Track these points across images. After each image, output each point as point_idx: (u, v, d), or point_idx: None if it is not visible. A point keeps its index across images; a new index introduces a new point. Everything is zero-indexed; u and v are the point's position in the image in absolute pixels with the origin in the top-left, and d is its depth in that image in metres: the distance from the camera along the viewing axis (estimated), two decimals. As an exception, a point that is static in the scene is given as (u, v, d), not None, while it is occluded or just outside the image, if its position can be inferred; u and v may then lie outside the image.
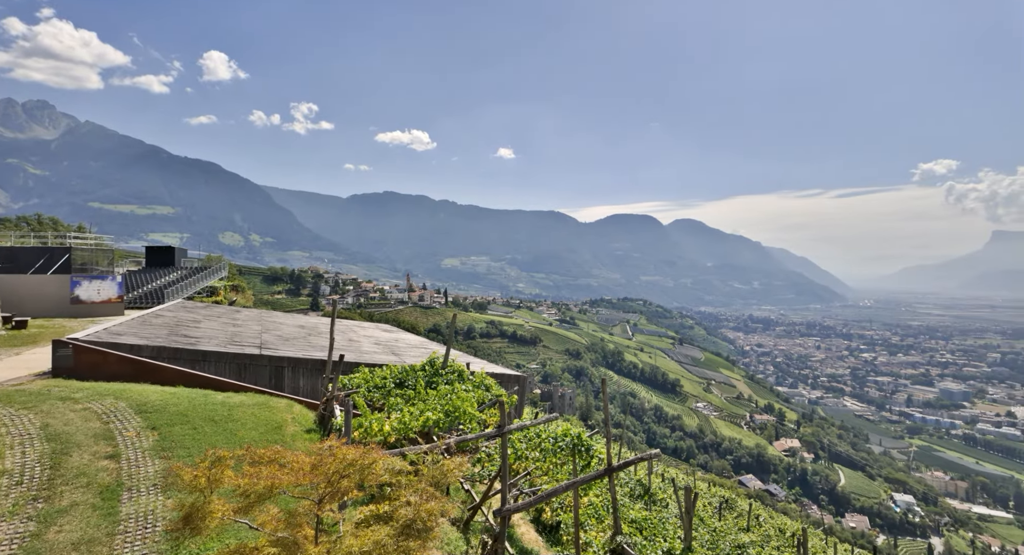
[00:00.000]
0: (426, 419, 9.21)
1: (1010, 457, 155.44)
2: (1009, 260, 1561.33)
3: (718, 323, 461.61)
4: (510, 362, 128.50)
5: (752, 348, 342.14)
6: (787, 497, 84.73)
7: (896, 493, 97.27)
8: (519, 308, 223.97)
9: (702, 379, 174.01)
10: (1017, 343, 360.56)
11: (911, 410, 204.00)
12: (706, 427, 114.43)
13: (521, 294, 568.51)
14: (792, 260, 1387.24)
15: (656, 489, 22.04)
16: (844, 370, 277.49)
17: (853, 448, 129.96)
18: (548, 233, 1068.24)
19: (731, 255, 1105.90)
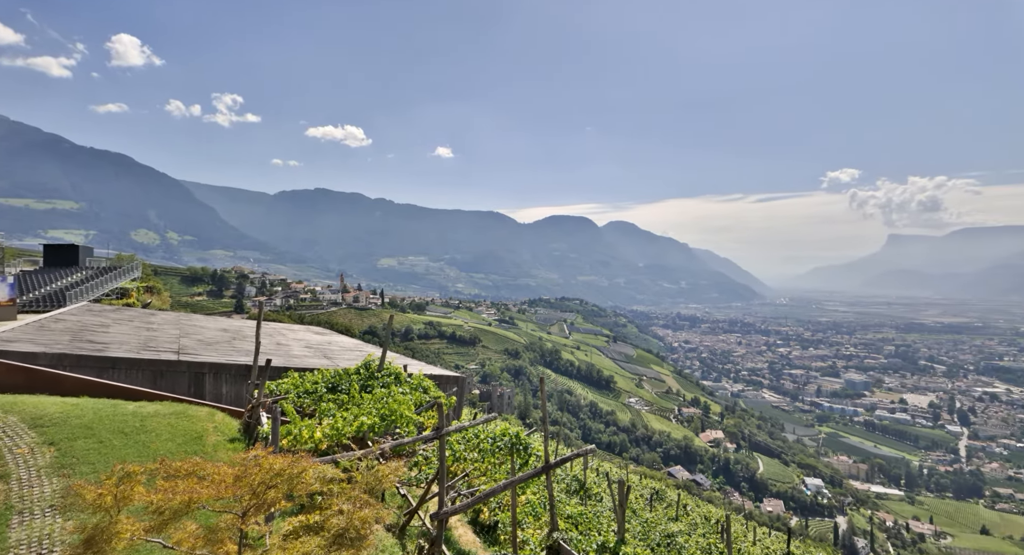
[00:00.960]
0: (361, 424, 8.93)
1: (902, 440, 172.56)
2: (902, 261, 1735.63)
3: (649, 321, 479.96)
4: (449, 363, 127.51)
5: (680, 345, 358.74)
6: (712, 486, 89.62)
7: (807, 477, 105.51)
8: (458, 309, 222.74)
9: (634, 375, 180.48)
10: (908, 336, 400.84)
11: (820, 400, 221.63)
12: (638, 421, 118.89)
13: (460, 294, 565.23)
14: (716, 261, 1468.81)
15: (591, 484, 22.60)
16: (763, 364, 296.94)
17: (770, 437, 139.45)
18: (487, 233, 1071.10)
19: (661, 256, 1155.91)
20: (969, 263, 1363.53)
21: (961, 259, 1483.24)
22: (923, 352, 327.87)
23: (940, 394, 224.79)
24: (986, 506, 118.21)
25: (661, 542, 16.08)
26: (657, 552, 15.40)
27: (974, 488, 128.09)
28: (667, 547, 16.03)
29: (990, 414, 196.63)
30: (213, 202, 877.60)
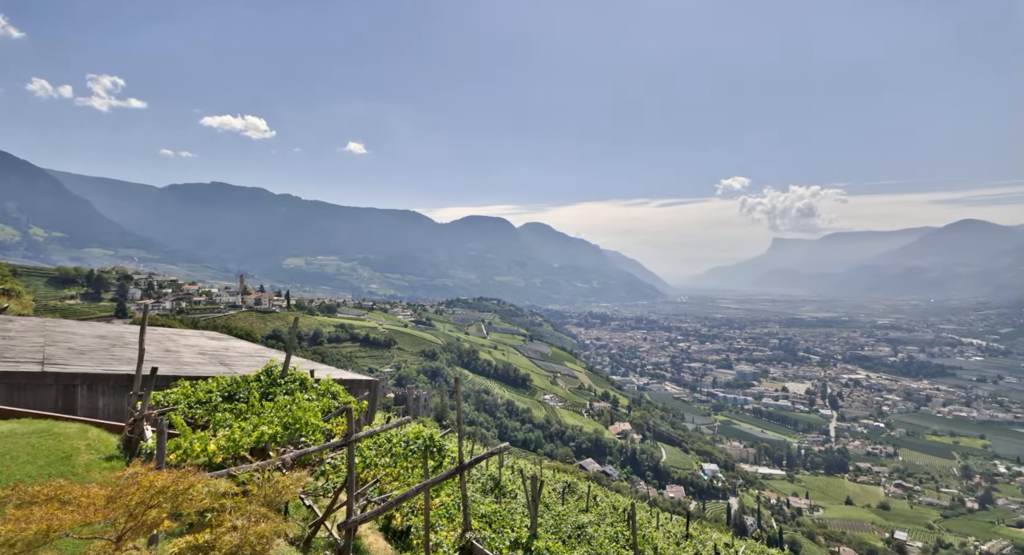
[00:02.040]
0: (261, 434, 8.38)
1: (784, 424, 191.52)
2: (783, 262, 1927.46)
3: (564, 320, 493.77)
4: (362, 367, 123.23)
5: (592, 342, 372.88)
6: (620, 476, 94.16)
7: (705, 463, 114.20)
8: (372, 310, 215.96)
9: (549, 372, 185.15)
10: (789, 330, 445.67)
11: (716, 390, 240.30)
12: (552, 417, 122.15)
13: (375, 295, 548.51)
14: (625, 262, 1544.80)
15: (506, 481, 22.88)
16: (665, 358, 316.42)
17: (672, 427, 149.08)
18: (404, 232, 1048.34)
19: (575, 257, 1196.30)
20: (839, 264, 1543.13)
21: (832, 261, 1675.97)
22: (801, 344, 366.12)
23: (815, 382, 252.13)
24: (850, 479, 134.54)
25: (572, 534, 16.62)
26: (568, 544, 15.91)
27: (841, 464, 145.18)
28: (577, 538, 16.60)
29: (854, 398, 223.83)
30: (88, 195, 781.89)
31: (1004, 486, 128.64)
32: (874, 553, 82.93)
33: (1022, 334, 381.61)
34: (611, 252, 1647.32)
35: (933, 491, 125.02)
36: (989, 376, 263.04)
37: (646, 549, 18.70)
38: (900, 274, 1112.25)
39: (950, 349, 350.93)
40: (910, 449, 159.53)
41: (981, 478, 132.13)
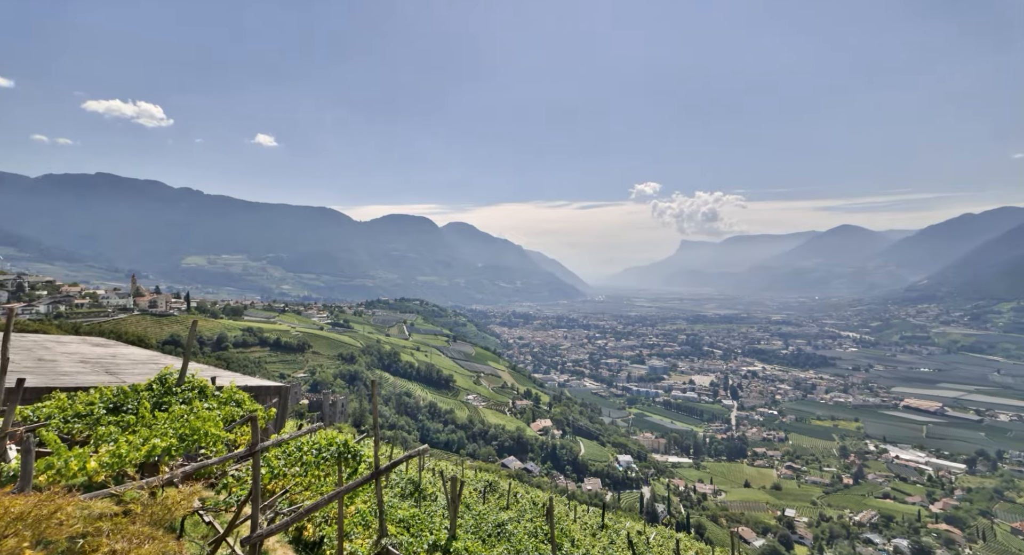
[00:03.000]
0: (152, 448, 7.69)
1: (691, 415, 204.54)
2: (691, 263, 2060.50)
3: (487, 319, 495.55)
4: (272, 372, 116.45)
5: (515, 341, 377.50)
6: (541, 472, 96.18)
7: (620, 455, 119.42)
8: (284, 312, 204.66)
9: (473, 372, 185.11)
10: (695, 326, 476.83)
11: (630, 384, 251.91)
12: (475, 417, 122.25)
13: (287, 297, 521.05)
14: (547, 262, 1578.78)
15: (427, 484, 22.61)
16: (584, 355, 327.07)
17: (590, 421, 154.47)
18: (320, 231, 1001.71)
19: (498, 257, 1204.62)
20: (738, 265, 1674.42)
21: (733, 261, 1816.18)
22: (706, 339, 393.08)
23: (718, 374, 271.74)
24: (748, 464, 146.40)
25: (492, 532, 16.74)
26: (488, 542, 16.01)
27: (740, 450, 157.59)
28: (497, 536, 16.75)
29: (752, 388, 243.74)
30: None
31: (873, 462, 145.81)
32: (768, 530, 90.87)
33: (888, 327, 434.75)
34: (534, 252, 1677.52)
35: (817, 471, 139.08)
36: (862, 365, 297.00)
37: (564, 542, 19.24)
38: (790, 274, 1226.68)
39: (831, 341, 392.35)
40: (798, 433, 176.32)
41: (855, 456, 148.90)
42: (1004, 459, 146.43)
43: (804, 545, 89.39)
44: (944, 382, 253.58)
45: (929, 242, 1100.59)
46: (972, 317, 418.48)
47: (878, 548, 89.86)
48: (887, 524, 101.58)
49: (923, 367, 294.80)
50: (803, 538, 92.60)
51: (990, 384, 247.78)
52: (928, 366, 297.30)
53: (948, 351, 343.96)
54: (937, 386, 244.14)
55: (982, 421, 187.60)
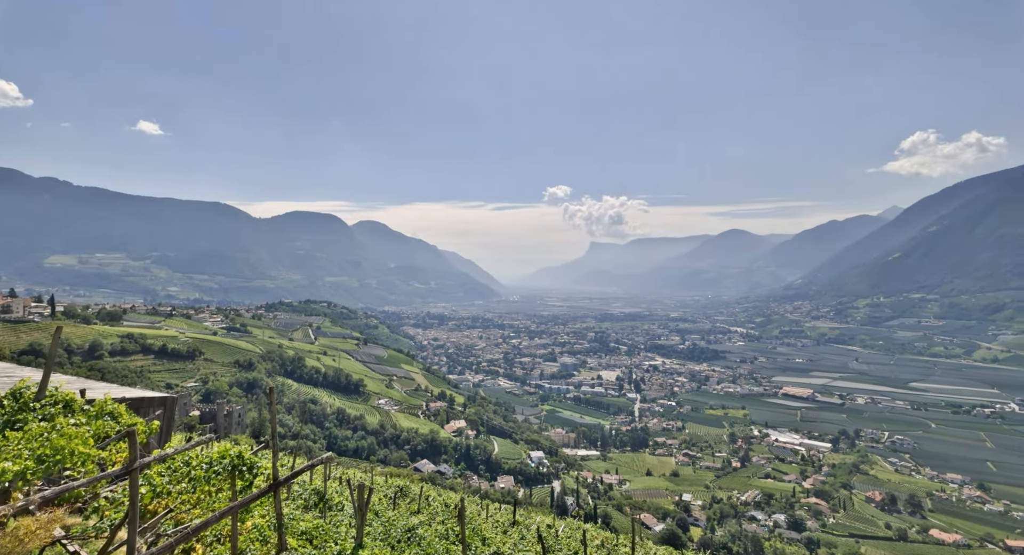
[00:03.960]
0: (2, 472, 6.76)
1: (599, 409, 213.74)
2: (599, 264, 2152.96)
3: (400, 321, 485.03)
4: (157, 383, 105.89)
5: (429, 342, 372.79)
6: (454, 474, 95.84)
7: (532, 451, 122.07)
8: (172, 316, 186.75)
9: (385, 376, 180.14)
10: (603, 324, 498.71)
11: (543, 382, 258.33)
12: (387, 422, 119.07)
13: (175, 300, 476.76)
14: (462, 262, 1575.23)
15: (333, 494, 21.75)
16: (499, 355, 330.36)
17: (504, 420, 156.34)
18: (213, 228, 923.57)
19: (412, 257, 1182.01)
20: (641, 265, 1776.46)
21: (636, 262, 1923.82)
22: (613, 336, 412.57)
23: (623, 369, 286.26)
24: (650, 453, 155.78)
25: (402, 538, 16.46)
26: (398, 548, 15.73)
27: (643, 440, 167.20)
28: (408, 541, 16.51)
29: (653, 381, 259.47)
30: None
31: (757, 446, 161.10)
32: (667, 515, 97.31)
33: (770, 322, 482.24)
34: (449, 253, 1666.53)
35: (710, 456, 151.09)
36: (748, 357, 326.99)
37: (475, 541, 19.35)
38: (687, 274, 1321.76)
39: (722, 336, 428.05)
40: (694, 422, 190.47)
41: (742, 441, 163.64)
42: (860, 437, 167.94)
43: (699, 527, 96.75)
44: (815, 371, 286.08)
45: (803, 245, 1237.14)
46: (836, 312, 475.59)
47: (760, 524, 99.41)
48: (768, 501, 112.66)
49: (798, 358, 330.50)
50: (698, 520, 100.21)
51: (850, 371, 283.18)
52: (802, 357, 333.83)
53: (818, 343, 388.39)
54: (809, 374, 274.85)
55: (844, 404, 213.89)
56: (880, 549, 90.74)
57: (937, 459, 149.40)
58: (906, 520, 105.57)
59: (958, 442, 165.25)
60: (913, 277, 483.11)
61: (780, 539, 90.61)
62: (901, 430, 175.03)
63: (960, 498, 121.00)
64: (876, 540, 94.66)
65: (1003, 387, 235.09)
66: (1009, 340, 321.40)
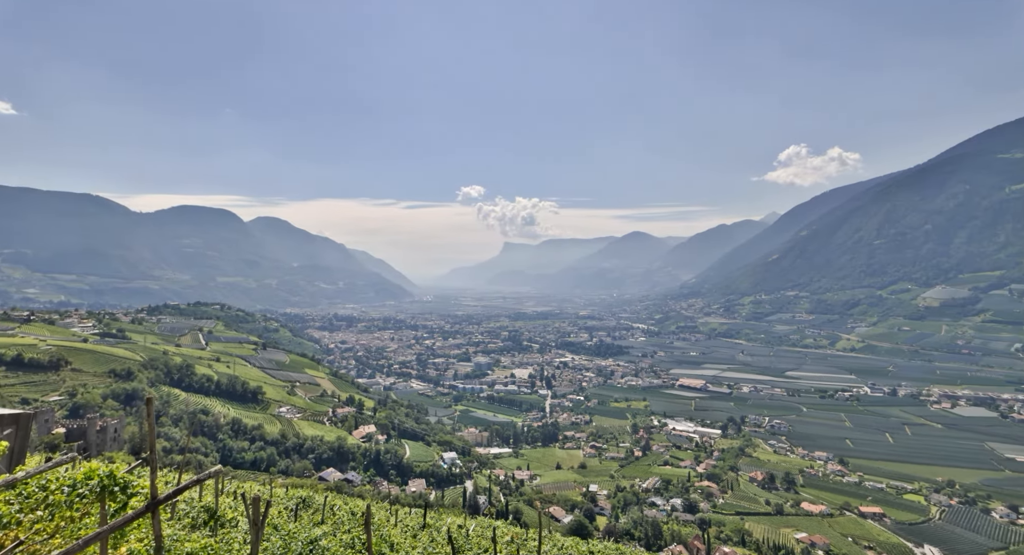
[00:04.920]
0: None
1: (512, 406, 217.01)
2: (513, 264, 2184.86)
3: (305, 324, 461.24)
4: (10, 398, 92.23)
5: (337, 345, 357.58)
6: (363, 480, 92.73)
7: (445, 453, 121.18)
8: (30, 322, 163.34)
9: (286, 382, 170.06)
10: (516, 323, 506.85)
11: (456, 382, 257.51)
12: (289, 431, 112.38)
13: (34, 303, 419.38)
14: (372, 262, 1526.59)
15: (226, 509, 20.26)
16: (412, 356, 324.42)
17: (416, 422, 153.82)
18: (84, 222, 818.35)
19: (317, 256, 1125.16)
20: (553, 265, 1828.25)
21: (548, 262, 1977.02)
22: (525, 335, 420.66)
23: (535, 367, 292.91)
24: (560, 447, 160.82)
25: (303, 551, 15.75)
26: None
27: (553, 435, 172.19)
28: (310, 553, 15.84)
29: (563, 378, 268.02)
30: None
31: (657, 435, 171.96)
32: (575, 506, 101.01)
33: (668, 319, 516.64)
34: (358, 251, 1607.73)
35: (614, 447, 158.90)
36: (648, 352, 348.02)
37: (383, 548, 18.95)
38: (594, 274, 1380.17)
39: (626, 332, 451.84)
40: (600, 415, 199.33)
41: (643, 431, 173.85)
42: (745, 423, 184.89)
43: (604, 515, 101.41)
44: (707, 363, 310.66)
45: (696, 247, 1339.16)
46: (725, 309, 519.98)
47: (660, 509, 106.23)
48: (666, 487, 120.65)
49: (692, 351, 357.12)
50: (603, 509, 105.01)
51: (737, 363, 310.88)
52: (696, 350, 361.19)
53: (709, 337, 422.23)
54: (702, 367, 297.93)
55: (731, 393, 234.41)
56: (761, 523, 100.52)
57: (807, 439, 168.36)
58: (782, 496, 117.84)
59: (824, 423, 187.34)
60: (788, 277, 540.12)
61: (677, 522, 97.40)
62: (779, 415, 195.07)
63: (825, 473, 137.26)
64: (758, 516, 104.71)
65: (859, 373, 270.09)
66: (863, 332, 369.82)
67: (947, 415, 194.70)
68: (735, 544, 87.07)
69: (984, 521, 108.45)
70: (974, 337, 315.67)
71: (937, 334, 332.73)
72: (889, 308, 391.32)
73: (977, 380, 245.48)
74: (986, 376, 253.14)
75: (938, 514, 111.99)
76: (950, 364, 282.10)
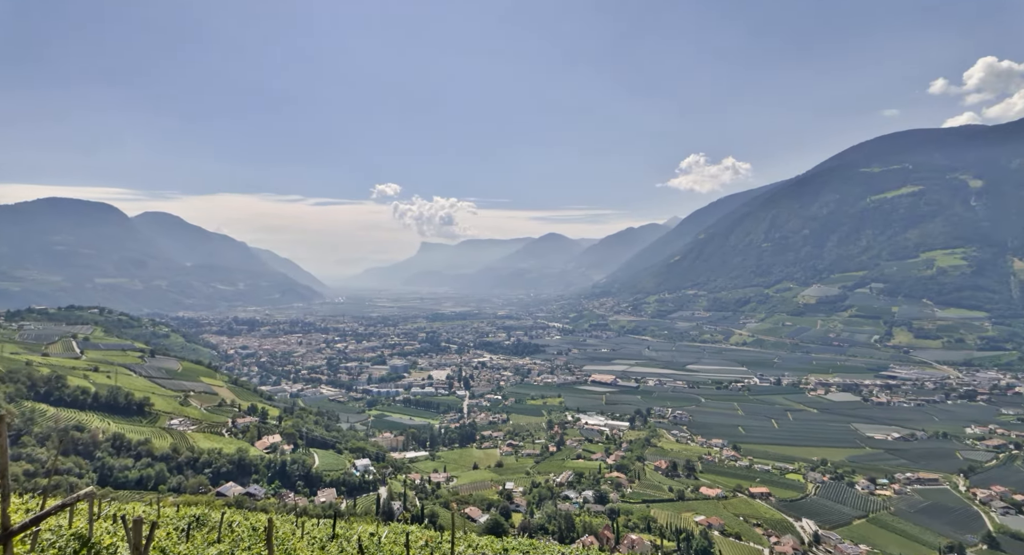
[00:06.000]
0: None
1: (429, 409, 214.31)
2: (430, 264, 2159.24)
3: (200, 328, 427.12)
4: None
5: (237, 351, 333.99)
6: (267, 493, 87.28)
7: (357, 460, 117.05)
8: None
9: (179, 392, 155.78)
10: (434, 324, 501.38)
11: (371, 386, 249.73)
12: (182, 444, 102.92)
13: None
14: (277, 261, 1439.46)
15: (103, 536, 18.25)
16: (322, 361, 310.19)
17: (326, 430, 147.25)
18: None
19: (215, 255, 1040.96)
20: (471, 266, 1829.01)
21: (466, 263, 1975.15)
22: (444, 336, 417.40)
23: (453, 367, 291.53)
24: (477, 447, 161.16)
25: (195, 572, 14.62)
26: (188, 585, 13.91)
27: (471, 435, 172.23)
28: (202, 575, 14.73)
29: (481, 377, 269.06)
30: None
31: (571, 430, 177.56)
32: (491, 505, 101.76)
33: (581, 317, 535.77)
34: (262, 250, 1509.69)
35: (531, 444, 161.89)
36: (563, 350, 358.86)
37: (286, 562, 18.06)
38: (512, 274, 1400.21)
39: (542, 331, 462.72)
40: (518, 413, 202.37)
41: (558, 427, 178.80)
42: (651, 415, 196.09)
43: (520, 512, 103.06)
44: (616, 359, 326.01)
45: (607, 249, 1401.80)
46: (633, 307, 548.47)
47: (573, 501, 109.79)
48: (579, 480, 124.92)
49: (603, 348, 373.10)
50: (519, 506, 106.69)
51: (644, 358, 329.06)
52: (607, 347, 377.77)
53: (619, 334, 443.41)
54: (612, 362, 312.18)
55: (638, 387, 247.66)
56: (665, 509, 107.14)
57: (706, 428, 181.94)
58: (684, 482, 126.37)
59: (720, 412, 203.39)
60: (688, 277, 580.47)
61: (588, 513, 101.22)
62: (681, 406, 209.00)
63: (721, 459, 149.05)
64: (662, 503, 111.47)
65: (749, 365, 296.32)
66: (753, 327, 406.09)
67: (821, 401, 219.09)
68: (642, 531, 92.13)
69: (850, 493, 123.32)
70: (843, 330, 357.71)
71: (813, 328, 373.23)
72: (774, 305, 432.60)
73: (845, 369, 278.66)
74: (852, 365, 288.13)
75: (813, 490, 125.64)
76: (824, 355, 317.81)
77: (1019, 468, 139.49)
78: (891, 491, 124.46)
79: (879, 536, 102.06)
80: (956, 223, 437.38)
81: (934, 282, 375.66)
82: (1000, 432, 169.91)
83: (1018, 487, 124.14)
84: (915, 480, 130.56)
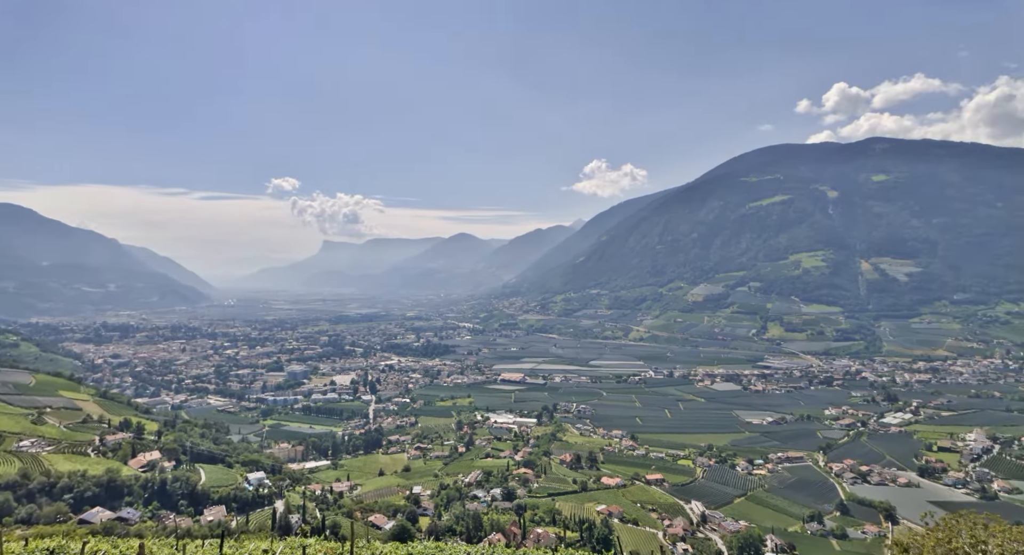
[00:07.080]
0: None
1: (331, 416, 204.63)
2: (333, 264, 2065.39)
3: (60, 336, 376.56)
4: None
5: (107, 361, 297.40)
6: (143, 517, 78.30)
7: (250, 473, 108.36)
8: None
9: (30, 409, 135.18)
10: (338, 327, 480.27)
11: (265, 395, 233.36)
12: (34, 469, 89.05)
13: None
14: (156, 260, 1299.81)
15: (-84, 586, 15.26)
16: (209, 369, 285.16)
17: (215, 443, 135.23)
18: None
19: (78, 253, 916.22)
20: (378, 266, 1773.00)
21: (373, 262, 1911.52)
22: (348, 339, 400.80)
23: (358, 372, 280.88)
24: (383, 453, 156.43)
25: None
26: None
27: (377, 441, 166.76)
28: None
29: (389, 381, 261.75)
30: None
31: (480, 430, 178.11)
32: (398, 511, 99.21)
33: (491, 317, 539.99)
34: (137, 248, 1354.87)
35: (439, 446, 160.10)
36: (474, 350, 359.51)
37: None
38: (421, 274, 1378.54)
39: (453, 332, 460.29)
40: (427, 416, 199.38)
41: (467, 427, 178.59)
42: (557, 410, 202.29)
43: (427, 516, 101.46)
44: (525, 357, 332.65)
45: (516, 249, 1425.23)
46: (541, 306, 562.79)
47: (481, 500, 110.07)
48: (488, 479, 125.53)
49: (513, 347, 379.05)
50: (427, 509, 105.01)
51: (551, 355, 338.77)
52: (516, 346, 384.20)
53: (528, 333, 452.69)
54: (521, 361, 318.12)
55: (546, 384, 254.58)
56: (569, 501, 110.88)
57: (607, 420, 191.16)
58: (586, 473, 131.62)
59: (620, 405, 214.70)
60: (591, 276, 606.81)
61: (496, 511, 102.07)
62: (584, 400, 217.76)
63: (620, 449, 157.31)
64: (567, 495, 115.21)
65: (645, 359, 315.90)
66: (648, 324, 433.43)
67: (708, 391, 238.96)
68: (547, 524, 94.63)
69: (732, 475, 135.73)
70: (726, 325, 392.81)
71: (701, 324, 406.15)
72: (667, 303, 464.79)
73: (728, 360, 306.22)
74: (733, 357, 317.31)
75: (701, 474, 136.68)
76: (710, 348, 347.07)
77: (864, 443, 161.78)
78: (765, 470, 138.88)
79: (755, 512, 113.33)
80: (817, 229, 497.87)
81: (800, 281, 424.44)
82: (851, 412, 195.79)
83: (864, 459, 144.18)
84: (784, 459, 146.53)
